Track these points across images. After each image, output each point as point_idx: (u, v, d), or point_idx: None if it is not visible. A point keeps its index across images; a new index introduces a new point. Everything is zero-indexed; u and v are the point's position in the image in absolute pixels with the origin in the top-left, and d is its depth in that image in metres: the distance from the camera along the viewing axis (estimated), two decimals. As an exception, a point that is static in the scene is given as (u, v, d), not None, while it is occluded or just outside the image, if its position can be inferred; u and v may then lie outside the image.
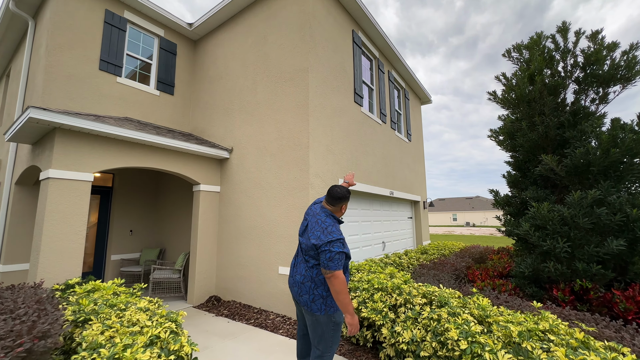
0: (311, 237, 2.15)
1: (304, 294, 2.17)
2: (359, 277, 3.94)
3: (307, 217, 2.34)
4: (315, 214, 2.29)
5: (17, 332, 1.54)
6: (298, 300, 2.22)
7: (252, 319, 4.41)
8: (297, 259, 2.34)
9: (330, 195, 2.31)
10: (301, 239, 2.29)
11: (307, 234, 2.23)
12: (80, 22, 5.25)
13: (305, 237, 2.23)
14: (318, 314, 2.12)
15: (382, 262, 5.29)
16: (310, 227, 2.22)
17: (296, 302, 2.31)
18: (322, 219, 2.23)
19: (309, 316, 2.18)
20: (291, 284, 2.29)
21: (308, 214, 2.36)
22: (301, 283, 2.19)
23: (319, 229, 2.16)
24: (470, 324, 2.45)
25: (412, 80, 9.39)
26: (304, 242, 2.24)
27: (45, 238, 3.64)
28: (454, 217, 55.04)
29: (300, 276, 2.22)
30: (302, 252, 2.27)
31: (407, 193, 8.39)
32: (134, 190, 6.88)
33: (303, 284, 2.18)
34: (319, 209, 2.33)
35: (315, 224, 2.21)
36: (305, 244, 2.21)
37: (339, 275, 1.99)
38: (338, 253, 2.02)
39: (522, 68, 5.15)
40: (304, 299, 2.16)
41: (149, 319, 2.16)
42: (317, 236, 2.12)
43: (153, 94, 6.26)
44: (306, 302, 2.16)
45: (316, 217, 2.26)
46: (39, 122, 3.65)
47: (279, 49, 5.27)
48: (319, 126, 4.90)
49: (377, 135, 6.91)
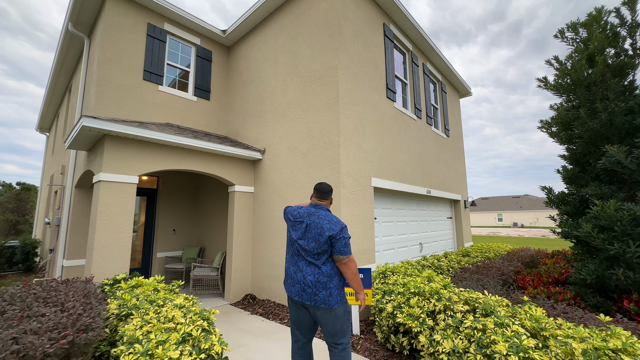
0: (322, 233, 2.21)
1: (321, 292, 2.19)
2: (394, 279, 3.76)
3: (301, 220, 2.34)
4: (311, 214, 2.35)
5: (63, 325, 1.66)
6: (312, 301, 2.18)
7: (285, 318, 4.42)
8: (298, 263, 2.28)
9: (321, 191, 2.46)
10: (302, 242, 2.28)
11: (309, 234, 2.27)
12: (126, 37, 5.68)
13: (308, 237, 2.27)
14: (336, 307, 2.19)
15: (419, 264, 5.02)
16: (313, 226, 2.27)
17: (302, 307, 2.28)
18: (323, 214, 2.33)
19: (325, 314, 2.20)
20: (299, 291, 2.22)
21: (299, 217, 2.37)
22: (316, 282, 2.20)
23: (325, 222, 2.25)
24: (521, 337, 2.18)
25: (449, 72, 8.86)
26: (308, 242, 2.26)
27: (98, 236, 3.96)
28: (499, 218, 51.27)
29: (312, 276, 2.22)
30: (307, 254, 2.26)
31: (446, 192, 7.92)
32: (176, 192, 7.29)
33: (318, 282, 2.20)
34: (311, 209, 2.39)
35: (317, 221, 2.28)
36: (314, 244, 2.23)
37: (353, 258, 2.24)
38: (349, 239, 2.24)
39: (578, 49, 4.57)
40: (321, 297, 2.18)
41: (183, 316, 2.22)
42: (328, 228, 2.21)
43: (191, 100, 6.58)
44: (323, 298, 2.18)
45: (315, 215, 2.33)
46: (90, 129, 3.98)
47: (308, 48, 5.24)
48: (350, 124, 4.78)
49: (412, 132, 6.60)
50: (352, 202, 4.59)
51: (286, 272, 2.36)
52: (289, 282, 2.30)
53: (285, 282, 2.34)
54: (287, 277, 2.33)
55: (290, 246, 2.37)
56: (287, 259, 2.39)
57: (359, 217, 4.69)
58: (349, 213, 4.50)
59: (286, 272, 2.36)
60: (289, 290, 2.29)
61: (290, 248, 2.38)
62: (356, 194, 4.70)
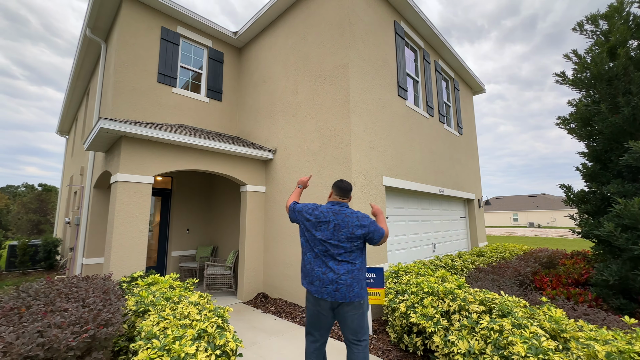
0: (354, 232, 2.22)
1: (355, 287, 2.18)
2: (407, 279, 3.72)
3: (327, 220, 2.29)
4: (336, 212, 2.32)
5: (84, 319, 1.72)
6: (347, 298, 2.14)
7: (297, 317, 4.44)
8: (327, 263, 2.20)
9: (344, 189, 2.45)
10: (332, 242, 2.23)
11: (339, 233, 2.23)
12: (141, 41, 5.82)
13: (339, 237, 2.23)
14: (363, 301, 2.22)
15: (432, 264, 4.95)
16: (343, 225, 2.25)
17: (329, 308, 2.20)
18: (349, 212, 2.34)
19: (354, 310, 2.18)
20: (331, 291, 2.14)
21: (323, 217, 2.31)
22: (351, 278, 2.17)
23: (354, 220, 2.27)
24: (540, 339, 2.12)
25: (462, 68, 8.70)
26: (340, 242, 2.22)
27: (116, 235, 4.07)
28: (515, 217, 49.98)
29: (347, 273, 2.18)
30: (338, 253, 2.21)
31: (459, 191, 7.78)
32: (190, 192, 7.43)
33: (353, 278, 2.18)
34: (335, 208, 2.36)
35: (346, 220, 2.27)
36: (347, 243, 2.22)
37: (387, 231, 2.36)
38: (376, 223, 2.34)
39: (598, 42, 4.41)
40: (355, 292, 2.16)
41: (198, 313, 2.25)
42: (359, 225, 2.24)
43: (203, 102, 6.69)
44: (358, 293, 2.17)
45: (342, 214, 2.31)
46: (108, 131, 4.10)
47: (319, 48, 5.24)
48: (361, 123, 4.75)
49: (424, 130, 6.51)
50: (364, 201, 4.57)
51: (309, 274, 2.24)
52: (317, 285, 2.18)
53: (311, 285, 2.20)
54: (312, 280, 2.21)
55: (312, 247, 2.26)
56: (309, 260, 2.27)
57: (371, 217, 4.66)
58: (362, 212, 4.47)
59: (309, 274, 2.24)
60: (318, 293, 2.17)
61: (311, 249, 2.27)
62: (368, 193, 4.68)
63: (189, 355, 1.65)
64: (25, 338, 1.44)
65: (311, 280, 2.22)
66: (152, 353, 1.63)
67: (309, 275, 2.25)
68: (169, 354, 1.63)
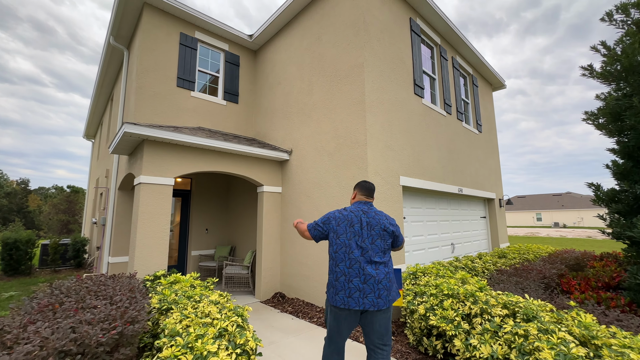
0: (387, 228, 2.25)
1: (393, 289, 2.17)
2: (425, 281, 3.65)
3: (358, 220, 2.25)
4: (365, 211, 2.31)
5: (112, 316, 1.80)
6: (388, 303, 2.10)
7: (314, 317, 4.45)
8: (365, 269, 2.11)
9: (370, 189, 2.47)
10: (367, 243, 2.19)
11: (372, 231, 2.22)
12: (161, 46, 6.01)
13: (372, 235, 2.21)
14: (395, 299, 2.18)
15: (452, 265, 4.84)
16: (374, 222, 2.25)
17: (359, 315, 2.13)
18: (377, 210, 2.36)
19: (385, 314, 2.13)
20: (373, 299, 2.06)
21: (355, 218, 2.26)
22: (388, 281, 2.15)
23: (384, 218, 2.30)
24: (569, 345, 2.03)
25: (481, 64, 8.45)
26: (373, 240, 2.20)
27: (139, 234, 4.22)
28: (538, 217, 48.02)
29: (385, 276, 2.14)
30: (374, 254, 2.17)
31: (479, 190, 7.56)
32: (208, 193, 7.60)
33: (390, 280, 2.17)
34: (363, 207, 2.34)
35: (377, 217, 2.28)
36: (380, 241, 2.21)
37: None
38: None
39: (630, 32, 4.17)
40: (393, 295, 2.15)
41: (218, 312, 2.31)
42: (389, 223, 2.29)
43: (221, 104, 6.83)
44: (394, 295, 2.17)
45: (372, 212, 2.32)
46: (132, 135, 4.26)
47: (333, 48, 5.24)
48: (377, 122, 4.71)
49: (442, 128, 6.38)
50: (381, 201, 4.53)
51: (345, 286, 2.10)
52: (356, 297, 2.06)
53: (350, 299, 2.06)
54: (351, 292, 2.07)
55: (347, 253, 2.16)
56: (343, 271, 2.13)
57: (387, 217, 4.61)
58: (377, 212, 4.44)
59: (345, 287, 2.09)
60: (358, 305, 2.05)
61: (345, 256, 2.16)
62: (384, 193, 4.63)
63: (211, 354, 1.69)
64: (59, 333, 1.53)
65: (349, 293, 2.08)
66: (176, 350, 1.68)
67: (345, 288, 2.10)
68: (191, 352, 1.68)
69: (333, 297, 2.13)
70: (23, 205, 52.66)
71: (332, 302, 2.14)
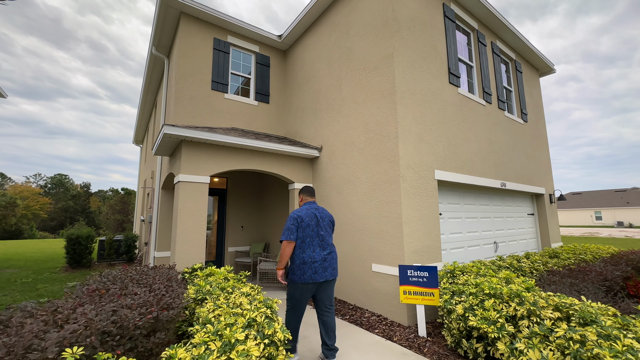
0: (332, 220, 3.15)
1: (336, 264, 3.01)
2: (464, 279, 3.42)
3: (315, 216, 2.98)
4: (317, 208, 3.08)
5: (150, 302, 1.90)
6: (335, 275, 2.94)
7: (347, 315, 4.39)
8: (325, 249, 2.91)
9: (314, 192, 3.30)
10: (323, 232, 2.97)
11: (323, 222, 3.01)
12: (196, 52, 6.33)
13: (324, 226, 3.01)
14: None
15: (494, 264, 4.50)
16: (324, 215, 3.07)
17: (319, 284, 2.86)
18: (321, 208, 3.15)
19: (332, 284, 2.98)
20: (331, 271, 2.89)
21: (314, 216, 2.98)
22: (335, 259, 3.00)
23: (327, 212, 3.14)
24: (638, 354, 1.76)
25: (524, 47, 7.76)
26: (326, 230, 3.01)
27: (179, 230, 4.47)
28: (598, 216, 43.08)
29: (334, 253, 3.00)
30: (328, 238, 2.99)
31: (525, 184, 6.96)
32: (243, 191, 7.87)
33: (334, 258, 2.99)
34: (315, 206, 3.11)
35: (324, 212, 3.10)
36: (329, 229, 3.07)
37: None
38: None
39: None
40: (336, 268, 2.99)
41: (249, 303, 2.35)
42: (330, 215, 3.15)
43: (252, 105, 7.02)
44: (337, 269, 3.00)
45: (320, 209, 3.11)
46: (171, 136, 4.53)
47: (362, 40, 5.13)
48: (408, 114, 4.52)
49: (481, 118, 5.96)
50: (413, 196, 4.34)
51: (311, 266, 2.79)
52: (320, 271, 2.80)
53: (316, 274, 2.78)
54: (316, 267, 2.80)
55: (311, 243, 2.86)
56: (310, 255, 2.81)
57: (421, 213, 4.41)
58: (410, 208, 4.26)
59: (312, 267, 2.79)
60: (321, 276, 2.80)
61: (309, 243, 2.85)
62: (418, 188, 4.43)
63: (239, 342, 1.71)
64: (102, 315, 1.65)
65: (314, 270, 2.80)
66: (205, 337, 1.73)
67: (311, 268, 2.80)
68: (220, 339, 1.72)
69: (301, 277, 2.79)
70: (86, 206, 58.91)
71: (301, 281, 2.79)
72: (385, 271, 4.27)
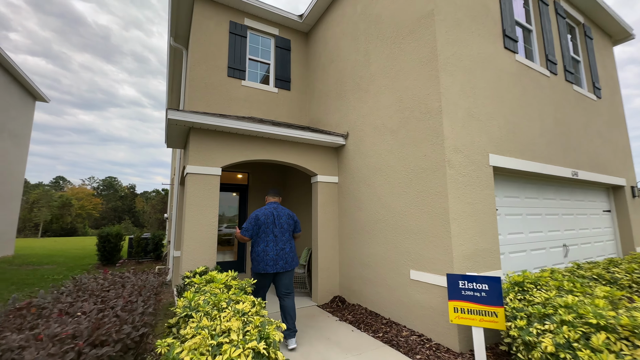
0: (289, 218, 3.51)
1: (294, 257, 3.43)
2: (543, 297, 2.48)
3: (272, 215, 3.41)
4: (275, 208, 3.50)
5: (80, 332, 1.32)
6: (290, 267, 3.34)
7: (379, 331, 3.60)
8: (278, 244, 3.32)
9: (278, 193, 3.73)
10: (278, 229, 3.37)
11: (280, 220, 3.42)
12: (211, 37, 5.87)
13: (282, 223, 3.42)
14: (296, 266, 3.44)
15: (574, 274, 3.45)
16: (282, 214, 3.47)
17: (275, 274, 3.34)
18: (282, 207, 3.56)
19: (289, 274, 3.39)
20: (283, 264, 3.28)
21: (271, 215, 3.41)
22: (291, 252, 3.41)
23: (286, 211, 3.52)
24: None
25: (595, 8, 6.35)
26: (282, 227, 3.40)
27: (187, 227, 3.98)
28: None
29: (289, 248, 3.40)
30: (282, 235, 3.38)
31: (601, 174, 5.65)
32: (264, 187, 7.34)
33: (292, 251, 3.42)
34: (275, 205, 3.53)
35: (282, 211, 3.50)
36: (286, 226, 3.44)
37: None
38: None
39: None
40: (294, 262, 3.41)
41: (240, 329, 1.68)
42: (290, 215, 3.53)
43: (272, 92, 6.44)
44: (292, 262, 3.38)
45: (279, 209, 3.51)
46: (177, 122, 4.04)
47: (392, 3, 4.29)
48: (455, 84, 3.62)
49: (544, 92, 4.84)
50: (463, 186, 3.44)
51: (264, 259, 3.24)
52: (271, 265, 3.23)
53: (268, 266, 3.22)
54: (267, 260, 3.24)
55: (265, 237, 3.31)
56: (263, 249, 3.26)
57: (473, 207, 3.48)
58: (459, 201, 3.36)
59: (264, 259, 3.24)
60: (272, 268, 3.22)
61: (264, 239, 3.31)
62: (468, 176, 3.52)
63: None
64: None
65: (267, 261, 3.23)
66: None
67: (263, 260, 3.24)
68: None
69: (256, 267, 3.28)
70: (132, 206, 63.33)
71: (256, 270, 3.29)
72: (428, 280, 3.41)
